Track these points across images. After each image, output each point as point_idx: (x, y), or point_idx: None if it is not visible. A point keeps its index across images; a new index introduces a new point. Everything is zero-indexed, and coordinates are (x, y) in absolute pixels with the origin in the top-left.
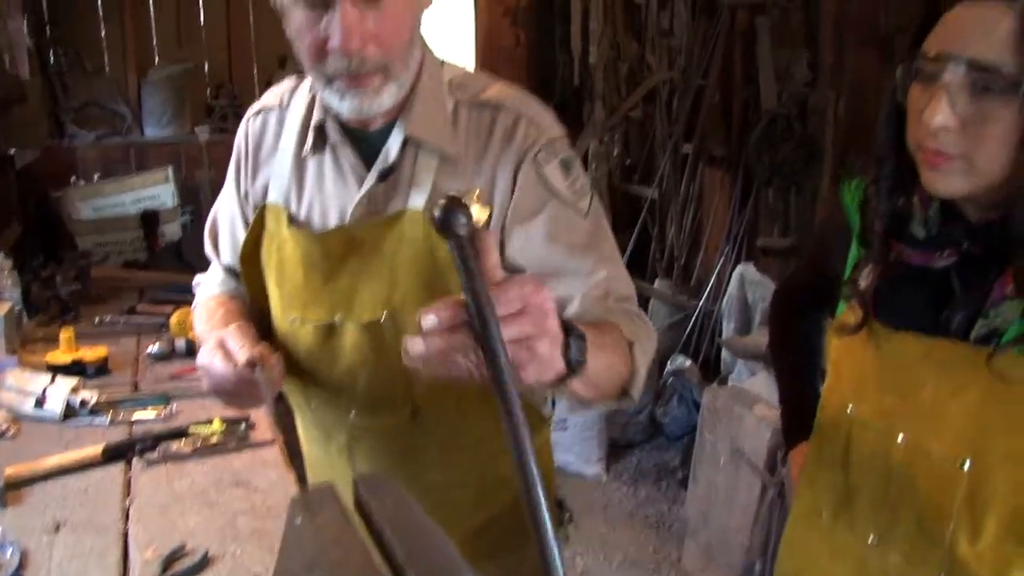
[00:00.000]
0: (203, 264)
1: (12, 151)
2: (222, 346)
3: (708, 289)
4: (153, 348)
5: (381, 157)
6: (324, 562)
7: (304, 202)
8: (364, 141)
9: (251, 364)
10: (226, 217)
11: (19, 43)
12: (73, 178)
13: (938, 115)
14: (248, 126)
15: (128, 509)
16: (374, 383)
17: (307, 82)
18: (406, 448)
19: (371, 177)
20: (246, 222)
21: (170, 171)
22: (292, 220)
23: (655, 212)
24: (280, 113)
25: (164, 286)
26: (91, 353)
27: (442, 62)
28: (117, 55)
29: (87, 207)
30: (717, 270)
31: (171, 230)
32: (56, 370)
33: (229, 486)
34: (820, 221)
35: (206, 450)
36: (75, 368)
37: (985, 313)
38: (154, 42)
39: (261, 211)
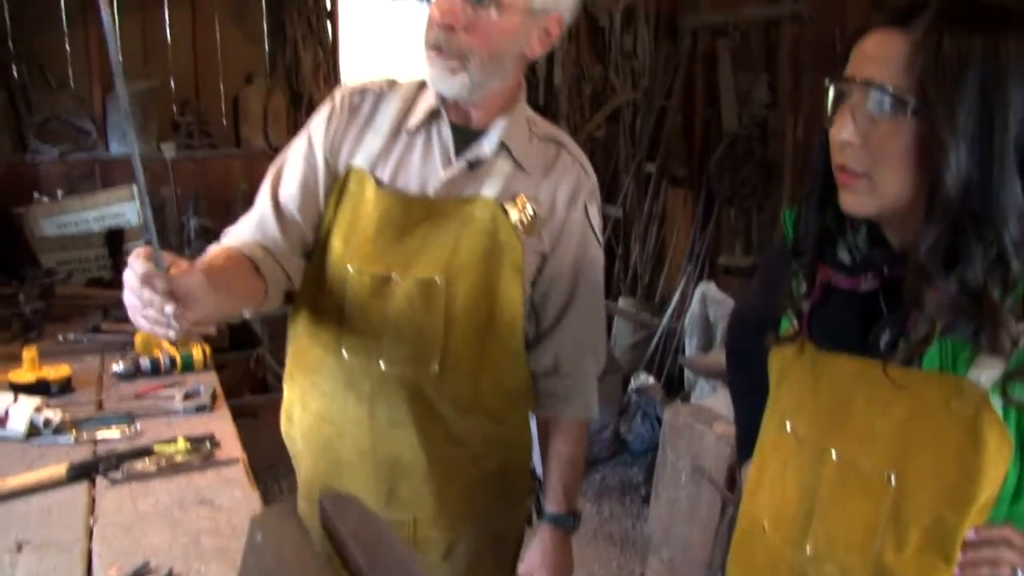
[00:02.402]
0: None
1: None
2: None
3: (672, 307)
4: (118, 367)
5: (473, 149)
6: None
7: (389, 169)
8: (459, 134)
9: (146, 258)
10: (296, 167)
11: None
12: (36, 194)
13: (842, 131)
14: (348, 96)
15: (92, 528)
16: (413, 336)
17: (407, 81)
18: (424, 401)
19: (460, 163)
20: (317, 169)
21: (135, 188)
22: (379, 184)
23: (619, 231)
24: (376, 96)
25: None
26: (55, 372)
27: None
28: (82, 70)
29: (51, 224)
30: (680, 288)
31: (136, 248)
32: (19, 389)
33: (193, 504)
34: (769, 247)
35: (170, 469)
36: (39, 387)
37: (907, 335)
38: (119, 58)
39: (347, 174)
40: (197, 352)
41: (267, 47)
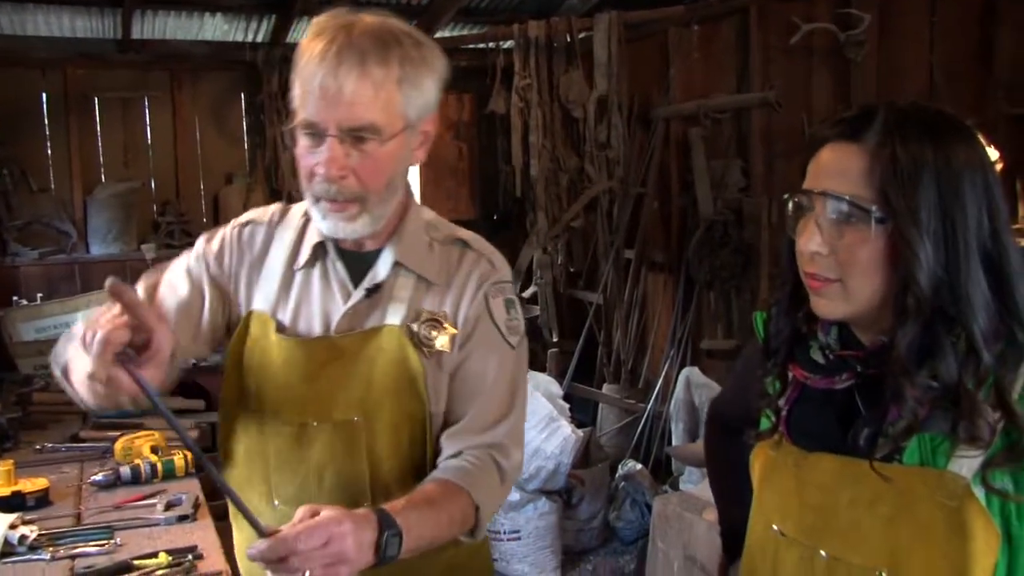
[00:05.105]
0: None
1: None
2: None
3: (656, 392)
4: (97, 476)
5: (369, 276)
6: None
7: (289, 311)
8: (353, 261)
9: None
10: (181, 283)
11: None
12: (15, 298)
13: (809, 243)
14: (235, 232)
15: None
16: (339, 479)
17: (296, 208)
18: None
19: (359, 292)
20: (201, 295)
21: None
22: (280, 328)
23: (600, 317)
24: (268, 229)
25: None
26: (31, 484)
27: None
28: (63, 174)
29: (29, 328)
30: (664, 372)
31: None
32: None
33: None
34: (744, 347)
35: None
36: (14, 500)
37: (885, 431)
38: (101, 160)
39: (247, 318)
40: (179, 459)
41: (247, 147)
